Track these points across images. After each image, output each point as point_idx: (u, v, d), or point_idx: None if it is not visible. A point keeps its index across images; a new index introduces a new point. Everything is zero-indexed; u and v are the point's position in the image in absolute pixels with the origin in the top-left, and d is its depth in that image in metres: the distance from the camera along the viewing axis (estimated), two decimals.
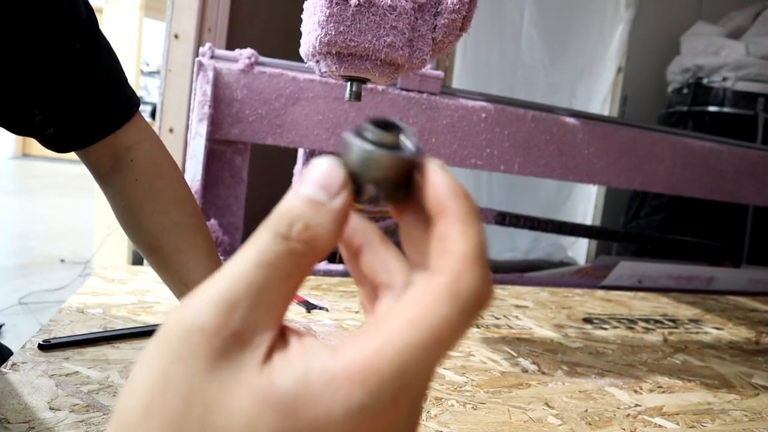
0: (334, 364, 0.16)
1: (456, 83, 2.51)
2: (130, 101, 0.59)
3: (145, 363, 0.17)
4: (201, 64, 1.02)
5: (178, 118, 1.52)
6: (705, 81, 2.51)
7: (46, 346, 0.53)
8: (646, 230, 2.49)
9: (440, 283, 0.17)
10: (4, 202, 4.58)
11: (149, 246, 0.57)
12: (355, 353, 0.16)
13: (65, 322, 0.60)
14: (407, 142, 0.19)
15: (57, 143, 0.57)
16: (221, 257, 0.98)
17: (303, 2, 0.56)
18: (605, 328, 0.84)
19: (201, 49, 1.03)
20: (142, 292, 0.74)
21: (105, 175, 0.59)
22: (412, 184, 0.19)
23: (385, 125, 0.19)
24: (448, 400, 0.53)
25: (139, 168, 0.57)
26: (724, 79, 2.44)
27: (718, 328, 0.91)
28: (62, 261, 3.43)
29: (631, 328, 0.85)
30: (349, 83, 0.56)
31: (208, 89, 1.00)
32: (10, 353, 0.65)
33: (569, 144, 1.23)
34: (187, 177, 0.96)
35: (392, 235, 2.00)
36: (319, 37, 0.51)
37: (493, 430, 0.48)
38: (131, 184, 0.57)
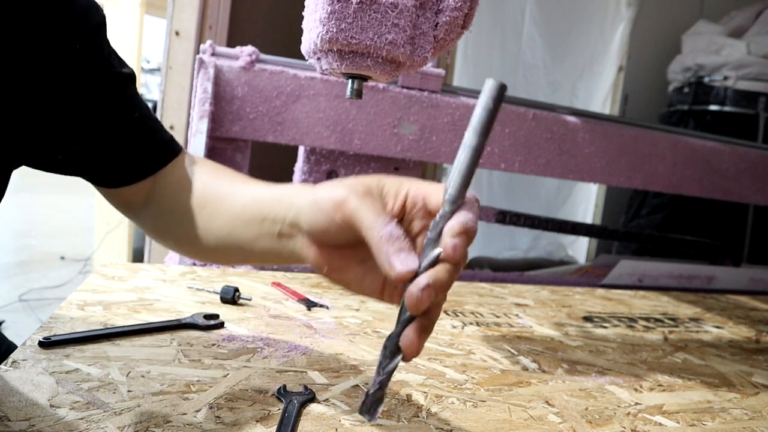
0: None
1: (457, 81, 2.51)
2: (162, 150, 0.58)
3: None
4: (202, 62, 1.01)
5: (178, 115, 1.52)
6: (706, 80, 2.50)
7: (47, 344, 0.53)
8: (647, 229, 2.49)
9: None
10: (4, 199, 4.58)
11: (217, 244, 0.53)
12: None
13: (65, 320, 0.60)
14: None
15: (99, 178, 0.57)
16: None
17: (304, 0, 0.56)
18: (605, 327, 0.84)
19: (202, 47, 1.03)
20: (142, 289, 0.74)
21: (137, 209, 0.60)
22: None
23: None
24: (449, 397, 0.53)
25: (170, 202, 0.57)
26: (725, 78, 2.44)
27: (718, 327, 0.91)
28: (62, 258, 3.43)
29: (631, 327, 0.85)
30: (350, 81, 0.56)
31: (209, 86, 1.00)
32: (15, 347, 0.65)
33: (570, 143, 1.23)
34: None
35: None
36: (320, 35, 0.51)
37: (494, 428, 0.48)
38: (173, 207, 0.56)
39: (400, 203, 0.38)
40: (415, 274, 0.34)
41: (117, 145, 0.55)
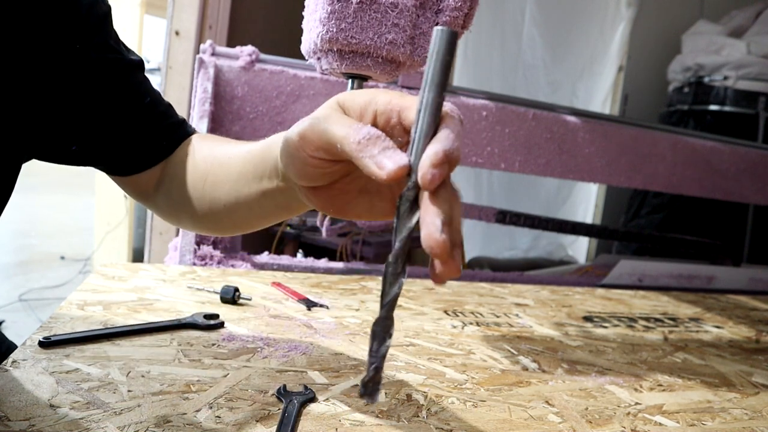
0: None
1: (457, 81, 2.51)
2: (174, 132, 0.58)
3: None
4: (202, 61, 1.01)
5: None
6: (706, 80, 2.50)
7: (47, 344, 0.53)
8: (647, 229, 2.49)
9: None
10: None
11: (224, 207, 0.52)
12: None
13: (65, 320, 0.60)
14: None
15: (113, 166, 0.57)
16: (219, 254, 0.98)
17: None
18: (605, 327, 0.84)
19: (202, 46, 1.03)
20: (142, 289, 0.74)
21: (151, 194, 0.60)
22: None
23: None
24: (449, 397, 0.53)
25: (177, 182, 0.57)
26: (725, 78, 2.44)
27: (718, 327, 0.91)
28: (62, 258, 3.43)
29: (631, 327, 0.85)
30: (350, 81, 0.56)
31: (209, 86, 1.00)
32: (15, 347, 0.65)
33: (570, 142, 1.23)
34: None
35: (391, 232, 2.00)
36: (320, 35, 0.51)
37: (494, 427, 0.48)
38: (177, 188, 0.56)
39: (368, 120, 0.34)
40: (409, 171, 0.31)
41: (130, 133, 0.55)
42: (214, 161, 0.53)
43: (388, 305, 0.32)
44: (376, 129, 0.32)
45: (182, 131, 0.59)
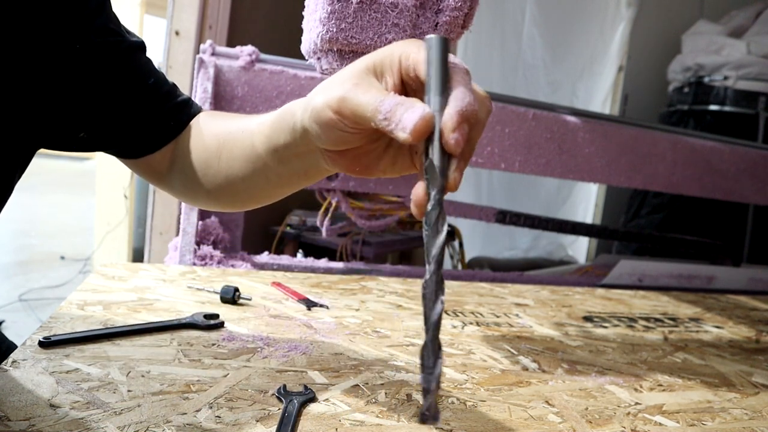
0: None
1: None
2: (181, 111, 0.58)
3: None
4: (202, 61, 1.01)
5: None
6: (706, 80, 2.50)
7: (47, 343, 0.53)
8: (647, 229, 2.49)
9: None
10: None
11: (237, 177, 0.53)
12: None
13: (65, 320, 0.60)
14: None
15: (123, 150, 0.57)
16: (219, 254, 0.98)
17: None
18: (605, 327, 0.84)
19: (202, 46, 1.03)
20: (142, 289, 0.74)
21: (165, 174, 0.60)
22: None
23: None
24: (449, 397, 0.53)
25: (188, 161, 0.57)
26: (725, 78, 2.44)
27: (718, 327, 0.91)
28: (62, 258, 3.43)
29: (631, 327, 0.85)
30: None
31: (209, 86, 1.00)
32: (15, 347, 0.65)
33: (570, 142, 1.23)
34: None
35: (391, 232, 1.99)
36: (320, 34, 0.51)
37: (494, 427, 0.48)
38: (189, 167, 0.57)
39: (398, 75, 0.37)
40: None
41: (136, 115, 0.55)
42: (228, 136, 0.53)
43: (433, 327, 0.34)
44: (396, 97, 0.35)
45: (189, 110, 0.59)
